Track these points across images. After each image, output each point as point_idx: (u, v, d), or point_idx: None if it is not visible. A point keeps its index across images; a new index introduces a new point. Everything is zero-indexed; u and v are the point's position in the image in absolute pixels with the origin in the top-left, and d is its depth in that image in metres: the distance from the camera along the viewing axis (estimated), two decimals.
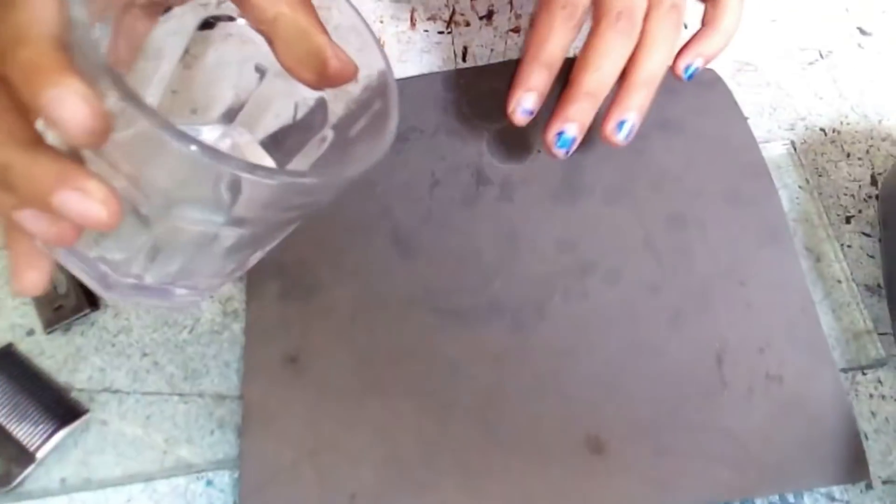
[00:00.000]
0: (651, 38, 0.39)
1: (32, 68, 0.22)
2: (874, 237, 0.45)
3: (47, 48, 0.22)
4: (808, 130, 0.49)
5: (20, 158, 0.23)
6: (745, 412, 0.39)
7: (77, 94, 0.22)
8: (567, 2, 0.39)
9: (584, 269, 0.42)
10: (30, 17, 0.23)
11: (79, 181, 0.23)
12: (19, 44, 0.22)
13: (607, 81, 0.39)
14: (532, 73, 0.39)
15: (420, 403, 0.39)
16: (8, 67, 0.22)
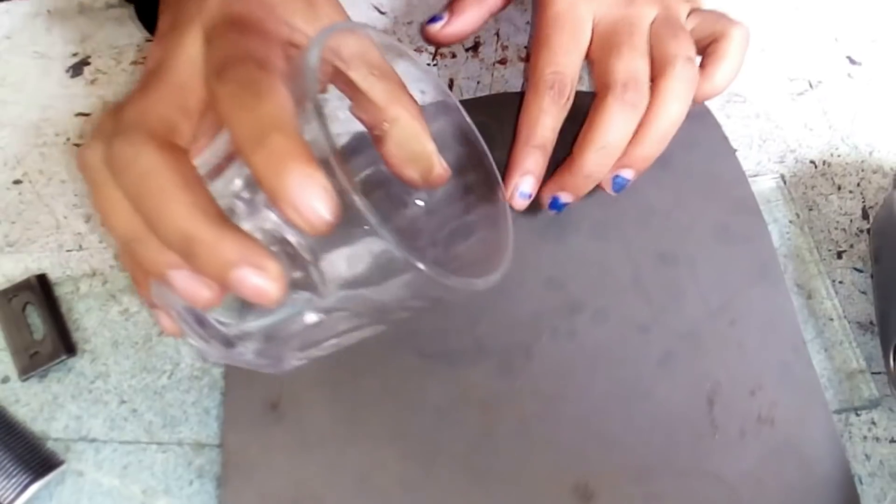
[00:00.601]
0: (666, 97, 0.39)
1: (283, 155, 0.24)
2: (866, 273, 0.44)
3: (298, 139, 0.24)
4: (797, 163, 0.48)
5: (207, 232, 0.25)
6: (736, 456, 0.38)
7: (320, 186, 0.24)
8: (554, 81, 0.39)
9: (572, 308, 0.41)
10: (280, 107, 0.25)
11: (259, 259, 0.25)
12: (276, 130, 0.24)
13: (613, 157, 0.39)
14: (527, 158, 0.40)
15: (404, 450, 0.38)
16: (253, 150, 0.24)
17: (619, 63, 0.39)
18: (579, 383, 0.39)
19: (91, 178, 0.28)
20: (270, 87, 0.26)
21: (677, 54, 0.39)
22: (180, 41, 0.30)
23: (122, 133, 0.27)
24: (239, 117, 0.25)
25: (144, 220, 0.26)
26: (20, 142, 0.48)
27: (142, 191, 0.26)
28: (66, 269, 0.43)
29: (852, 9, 0.55)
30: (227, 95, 0.26)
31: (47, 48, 0.52)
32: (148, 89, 0.29)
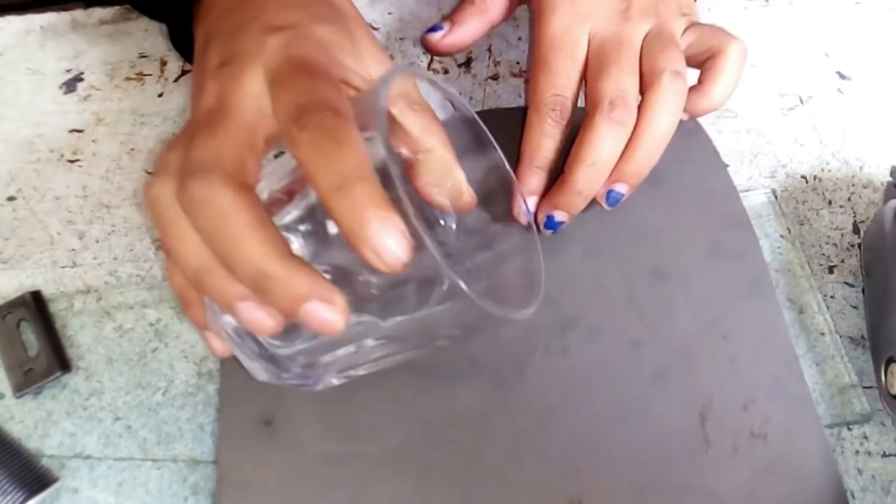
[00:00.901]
0: (654, 111, 0.39)
1: (366, 204, 0.26)
2: (857, 287, 0.44)
3: (378, 188, 0.26)
4: (788, 178, 0.48)
5: (280, 269, 0.27)
6: (729, 472, 0.38)
7: (400, 230, 0.26)
8: (555, 104, 0.40)
9: (565, 324, 0.41)
10: (361, 156, 0.26)
11: (327, 293, 0.27)
12: (359, 180, 0.26)
13: (603, 174, 0.40)
14: (531, 178, 0.41)
15: (398, 466, 0.38)
16: (336, 197, 0.26)
17: (607, 82, 0.39)
18: (572, 399, 0.40)
19: (160, 213, 0.29)
20: (350, 135, 0.27)
21: (665, 68, 0.39)
22: (240, 79, 0.31)
23: (198, 173, 0.28)
24: (321, 165, 0.27)
25: (219, 256, 0.28)
26: (14, 158, 0.48)
27: (219, 230, 0.27)
28: (60, 286, 0.43)
29: (842, 24, 0.56)
30: (309, 143, 0.27)
31: (40, 64, 0.52)
32: (215, 128, 0.30)
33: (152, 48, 0.53)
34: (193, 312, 0.32)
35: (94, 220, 0.46)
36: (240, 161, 0.29)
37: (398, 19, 0.55)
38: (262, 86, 0.31)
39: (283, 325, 0.29)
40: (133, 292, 0.43)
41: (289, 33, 0.32)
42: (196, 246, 0.28)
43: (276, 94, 0.30)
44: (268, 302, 0.28)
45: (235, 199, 0.27)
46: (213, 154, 0.29)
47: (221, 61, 0.32)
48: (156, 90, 0.51)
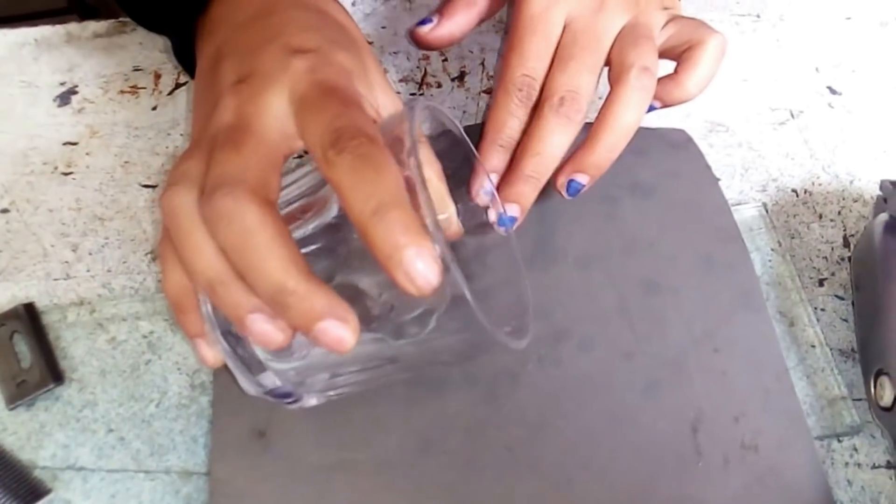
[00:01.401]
0: (618, 106, 0.39)
1: (402, 229, 0.26)
2: (847, 300, 0.45)
3: (413, 215, 0.27)
4: (779, 192, 0.49)
5: (302, 286, 0.27)
6: (720, 483, 0.38)
7: (432, 256, 0.27)
8: (523, 84, 0.40)
9: (557, 336, 0.42)
10: (397, 183, 0.27)
11: (343, 312, 0.28)
12: (395, 206, 0.27)
13: (549, 164, 0.40)
14: (493, 156, 0.41)
15: (391, 478, 0.38)
16: (372, 222, 0.27)
17: (563, 77, 0.40)
18: (565, 411, 0.40)
19: (177, 222, 0.30)
20: (387, 162, 0.28)
21: (633, 64, 0.39)
22: (263, 97, 0.31)
23: (224, 187, 0.28)
24: (358, 189, 0.27)
25: (239, 269, 0.28)
26: (8, 170, 0.48)
27: (242, 244, 0.28)
28: (53, 298, 0.43)
29: (832, 40, 0.56)
30: (347, 167, 0.28)
31: (34, 77, 0.52)
32: (240, 144, 0.30)
33: (146, 61, 0.53)
34: (187, 319, 0.32)
35: (87, 233, 0.46)
36: (264, 178, 0.29)
37: (392, 33, 0.55)
38: (285, 106, 0.31)
39: (291, 341, 0.29)
40: (126, 304, 0.43)
41: (313, 57, 0.33)
42: (212, 258, 0.29)
43: (307, 117, 0.30)
44: (284, 317, 0.28)
45: (260, 215, 0.28)
46: (238, 169, 0.29)
47: (238, 77, 0.33)
48: (150, 103, 0.51)
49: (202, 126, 0.33)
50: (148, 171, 0.48)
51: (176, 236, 0.30)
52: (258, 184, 0.29)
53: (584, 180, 0.41)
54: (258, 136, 0.30)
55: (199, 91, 0.36)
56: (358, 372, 0.33)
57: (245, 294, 0.29)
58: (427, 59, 0.54)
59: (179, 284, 0.32)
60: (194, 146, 0.32)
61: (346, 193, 0.28)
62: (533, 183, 0.40)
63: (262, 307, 0.29)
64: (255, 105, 0.31)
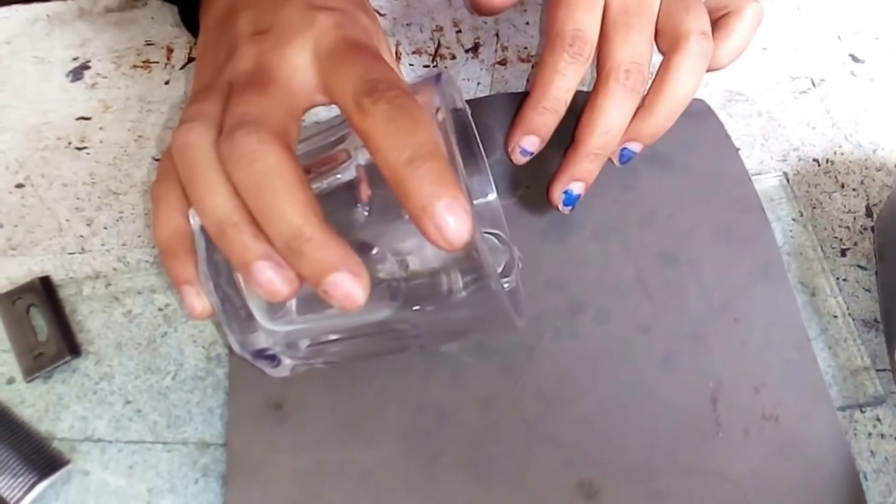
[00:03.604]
0: (679, 73, 0.38)
1: (438, 179, 0.26)
2: (870, 270, 0.44)
3: (449, 167, 0.27)
4: (801, 161, 0.48)
5: (320, 234, 0.27)
6: (740, 454, 0.38)
7: (465, 210, 0.26)
8: (574, 38, 0.37)
9: (574, 308, 0.41)
10: (433, 134, 0.27)
11: (356, 266, 0.27)
12: (431, 156, 0.26)
13: (616, 139, 0.38)
14: (535, 117, 0.39)
15: (407, 450, 0.38)
16: (408, 171, 0.26)
17: (626, 48, 0.37)
18: (582, 383, 0.39)
19: (191, 159, 0.29)
20: (423, 114, 0.27)
21: (691, 29, 0.38)
22: (288, 48, 0.31)
23: (246, 125, 0.28)
24: (394, 139, 0.27)
25: (256, 210, 0.28)
26: (22, 146, 0.48)
27: (262, 185, 0.27)
28: (69, 272, 0.43)
29: (855, 7, 0.55)
30: (384, 116, 0.27)
31: (47, 53, 0.52)
32: (262, 88, 0.30)
33: (158, 36, 0.53)
34: (176, 265, 0.32)
35: (102, 207, 0.46)
36: (286, 124, 0.29)
37: (405, 5, 0.54)
38: (309, 59, 0.31)
39: (295, 294, 0.29)
40: (142, 277, 0.43)
41: (338, 15, 0.32)
42: (226, 197, 0.28)
43: (337, 69, 0.30)
44: (296, 265, 0.28)
45: (283, 158, 0.27)
46: (261, 111, 0.29)
47: (257, 29, 0.32)
48: (162, 77, 0.51)
49: (213, 73, 0.32)
50: (161, 146, 0.48)
51: (188, 174, 0.29)
52: (280, 128, 0.28)
53: (637, 148, 0.40)
54: (279, 84, 0.30)
55: (207, 44, 0.36)
56: (352, 339, 0.33)
57: (255, 239, 0.28)
58: (440, 31, 0.53)
59: (173, 227, 0.31)
60: (207, 90, 0.31)
61: (380, 142, 0.27)
62: (599, 160, 0.39)
63: (271, 255, 0.28)
64: (277, 55, 0.31)
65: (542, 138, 0.39)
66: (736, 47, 0.41)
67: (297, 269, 0.28)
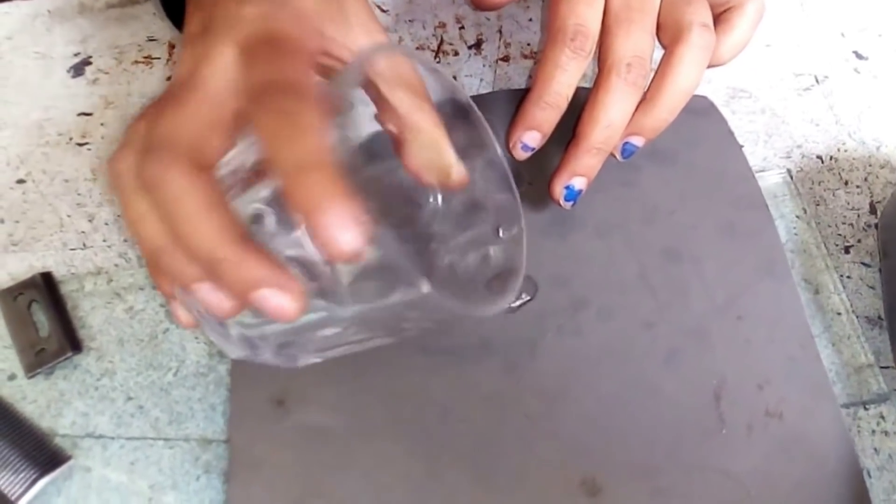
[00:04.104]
0: (682, 66, 0.37)
1: (319, 191, 0.25)
2: (874, 267, 0.44)
3: (335, 178, 0.25)
4: (804, 158, 0.48)
5: (233, 253, 0.26)
6: (744, 451, 0.38)
7: (351, 220, 0.25)
8: (576, 33, 0.37)
9: (577, 305, 0.41)
10: (319, 143, 0.26)
11: (279, 279, 0.27)
12: (315, 168, 0.25)
13: (618, 133, 0.38)
14: (536, 112, 0.38)
15: (410, 447, 0.38)
16: (293, 183, 0.25)
17: (627, 42, 0.37)
18: (585, 380, 0.39)
19: (120, 188, 0.29)
20: (310, 120, 0.26)
21: (693, 21, 0.37)
22: (212, 52, 0.30)
23: (153, 151, 0.28)
24: (279, 148, 0.26)
25: (173, 237, 0.28)
26: (23, 142, 0.48)
27: (171, 210, 0.27)
28: (70, 268, 0.43)
29: (858, 3, 0.55)
30: (267, 125, 0.27)
31: (48, 48, 0.52)
32: (180, 103, 0.29)
33: (160, 32, 0.52)
34: (161, 280, 0.32)
35: (103, 203, 0.46)
36: (201, 139, 0.28)
37: (408, 1, 0.54)
38: (234, 58, 0.30)
39: (241, 309, 0.28)
40: (143, 274, 0.43)
41: (266, 4, 0.31)
42: (154, 224, 0.28)
43: (245, 70, 0.29)
44: (221, 286, 0.28)
45: (188, 181, 0.27)
46: (172, 130, 0.28)
47: (199, 31, 0.31)
48: (164, 73, 0.51)
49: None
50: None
51: (121, 203, 0.29)
52: (190, 145, 0.28)
53: (639, 143, 0.39)
54: (201, 92, 0.29)
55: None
56: (344, 334, 0.32)
57: (188, 263, 0.28)
58: (443, 27, 0.53)
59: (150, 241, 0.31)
60: (150, 105, 0.31)
61: (268, 152, 0.26)
62: (601, 155, 0.38)
63: (204, 276, 0.28)
64: (204, 59, 0.30)
65: (544, 134, 0.39)
66: (737, 43, 0.40)
67: (223, 289, 0.28)
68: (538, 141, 0.39)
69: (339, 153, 0.26)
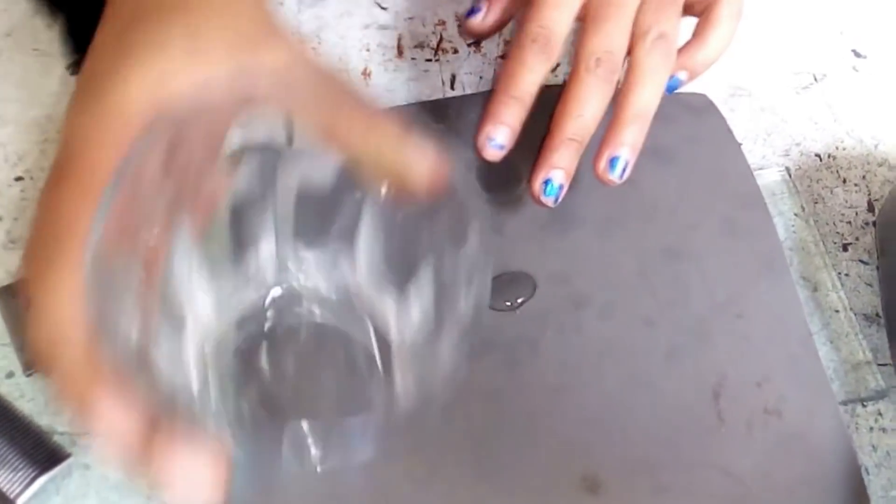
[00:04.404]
0: (640, 71, 0.38)
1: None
2: (872, 265, 0.44)
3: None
4: (803, 156, 0.48)
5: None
6: (743, 448, 0.38)
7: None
8: (537, 35, 0.38)
9: (577, 303, 0.41)
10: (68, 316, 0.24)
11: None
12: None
13: (590, 126, 0.38)
14: (502, 107, 0.38)
15: (411, 444, 0.38)
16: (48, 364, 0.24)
17: (599, 39, 0.38)
18: (585, 377, 0.39)
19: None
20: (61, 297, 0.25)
21: (650, 28, 0.38)
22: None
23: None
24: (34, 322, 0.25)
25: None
26: (22, 139, 0.48)
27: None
28: None
29: (857, 2, 0.55)
30: (30, 278, 0.26)
31: (48, 46, 0.52)
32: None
33: None
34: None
35: None
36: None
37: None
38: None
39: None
40: None
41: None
42: None
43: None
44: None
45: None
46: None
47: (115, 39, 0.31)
48: None
49: None
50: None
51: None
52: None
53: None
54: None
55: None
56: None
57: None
58: (443, 25, 0.53)
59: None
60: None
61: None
62: (575, 147, 0.38)
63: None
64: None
65: (513, 129, 0.38)
66: (722, 36, 0.41)
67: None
68: (507, 136, 0.38)
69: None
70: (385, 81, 0.50)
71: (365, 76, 0.50)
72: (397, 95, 0.49)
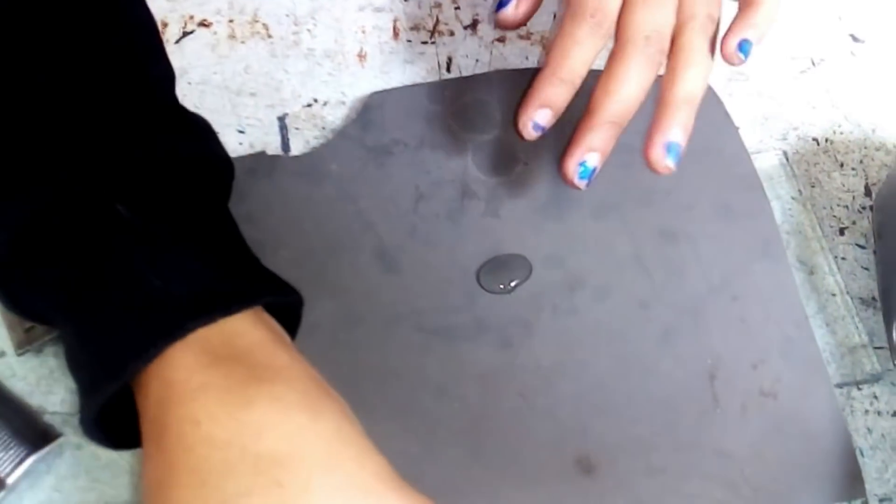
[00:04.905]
0: (688, 53, 0.36)
1: None
2: (868, 249, 0.44)
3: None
4: (800, 140, 0.48)
5: None
6: (738, 430, 0.38)
7: None
8: (596, 9, 0.36)
9: (572, 285, 0.41)
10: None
11: None
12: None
13: (632, 108, 0.37)
14: (549, 88, 0.37)
15: (404, 425, 0.37)
16: None
17: (648, 14, 0.36)
18: (580, 358, 0.39)
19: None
20: None
21: (696, 10, 0.36)
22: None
23: None
24: None
25: None
26: None
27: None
28: None
29: None
30: None
31: None
32: None
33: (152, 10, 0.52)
34: None
35: None
36: None
37: None
38: None
39: None
40: None
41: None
42: None
43: None
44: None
45: None
46: None
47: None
48: None
49: None
50: None
51: None
52: None
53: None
54: None
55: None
56: None
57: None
58: (439, 7, 0.52)
59: None
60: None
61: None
62: (615, 130, 0.37)
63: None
64: None
65: (556, 111, 0.37)
66: (771, 8, 0.39)
67: None
68: (549, 119, 0.37)
69: None
70: (380, 64, 0.49)
71: (360, 59, 0.50)
72: (393, 78, 0.49)
